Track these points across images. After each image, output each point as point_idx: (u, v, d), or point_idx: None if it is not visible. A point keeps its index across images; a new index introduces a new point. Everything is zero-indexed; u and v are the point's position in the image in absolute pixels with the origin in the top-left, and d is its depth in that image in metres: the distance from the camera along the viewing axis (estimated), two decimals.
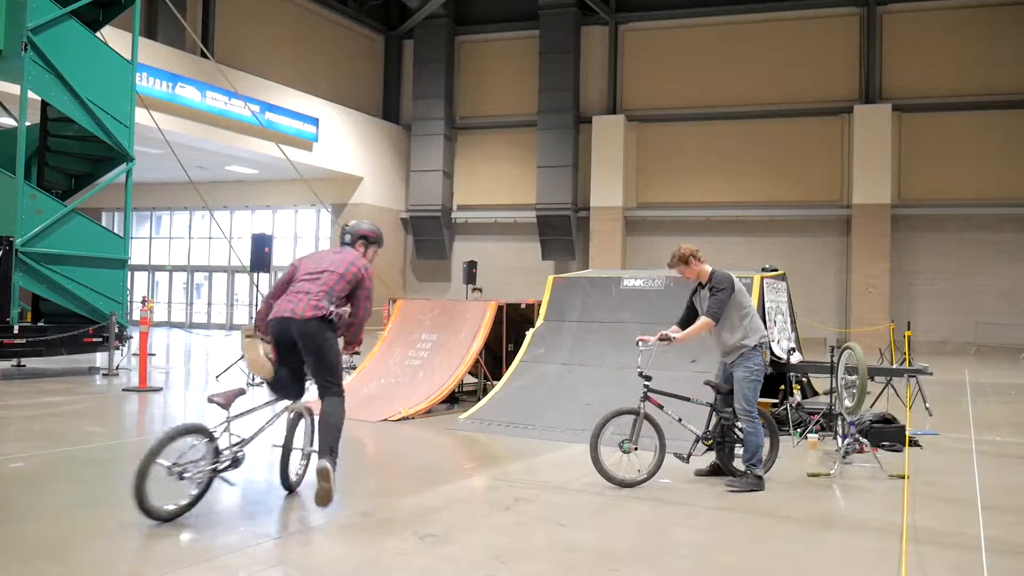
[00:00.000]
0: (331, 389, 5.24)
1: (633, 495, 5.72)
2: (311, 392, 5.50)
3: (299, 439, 5.55)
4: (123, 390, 10.95)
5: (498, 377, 9.72)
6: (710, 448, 6.30)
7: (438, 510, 5.23)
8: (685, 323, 6.33)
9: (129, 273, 14.10)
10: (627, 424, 6.02)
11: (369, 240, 5.62)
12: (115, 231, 14.38)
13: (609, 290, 9.97)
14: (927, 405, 9.85)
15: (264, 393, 6.91)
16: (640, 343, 6.22)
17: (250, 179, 27.35)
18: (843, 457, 6.69)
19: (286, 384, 5.40)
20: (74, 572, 3.98)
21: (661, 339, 6.14)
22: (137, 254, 27.95)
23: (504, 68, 28.11)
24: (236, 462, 5.06)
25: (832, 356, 7.69)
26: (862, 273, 23.84)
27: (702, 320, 6.13)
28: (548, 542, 4.61)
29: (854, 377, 6.81)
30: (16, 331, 11.68)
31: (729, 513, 5.45)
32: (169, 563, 4.04)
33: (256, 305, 15.38)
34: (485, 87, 28.34)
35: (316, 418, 5.38)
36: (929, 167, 23.92)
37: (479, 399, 9.37)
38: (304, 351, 5.17)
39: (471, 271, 21.42)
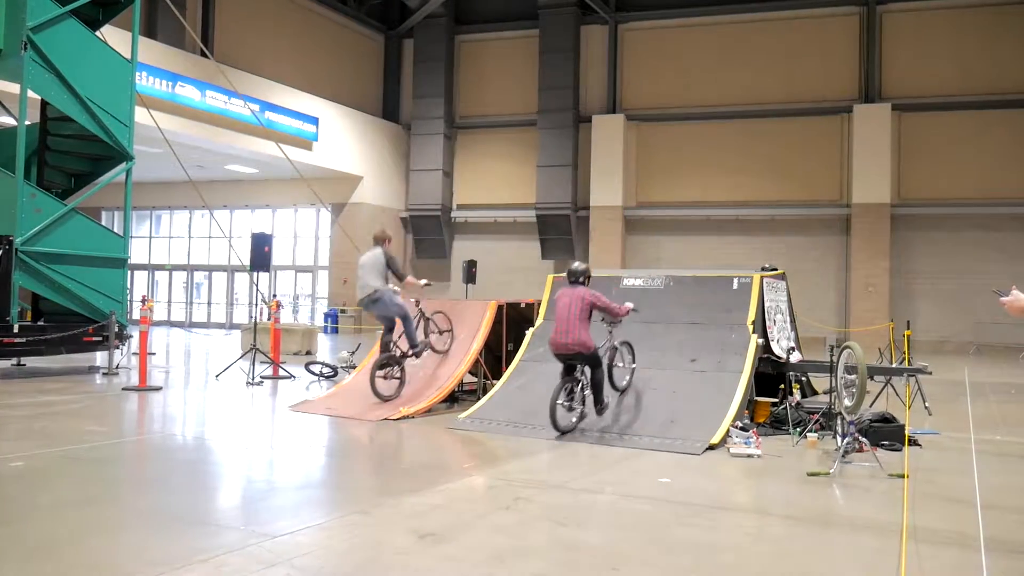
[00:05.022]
0: None
1: (634, 495, 5.72)
2: None
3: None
4: (123, 389, 10.94)
5: (498, 376, 9.72)
6: None
7: (438, 509, 5.23)
8: None
9: (129, 272, 14.09)
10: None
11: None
12: (115, 230, 14.38)
13: (609, 290, 9.95)
14: (926, 404, 9.85)
15: None
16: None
17: (250, 178, 27.34)
18: (843, 456, 6.69)
19: None
20: (73, 571, 3.98)
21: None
22: (137, 253, 27.95)
23: (504, 67, 28.10)
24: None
25: (832, 355, 7.69)
26: (862, 272, 23.85)
27: None
28: (548, 541, 4.61)
29: (853, 376, 6.81)
30: (16, 330, 11.68)
31: (729, 513, 5.45)
32: (168, 562, 4.04)
33: (256, 304, 15.36)
34: (485, 86, 28.33)
35: None
36: (929, 167, 23.91)
37: (479, 398, 9.37)
38: None
39: (471, 270, 21.41)
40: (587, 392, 7.93)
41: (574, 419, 7.85)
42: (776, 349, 9.33)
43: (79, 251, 12.47)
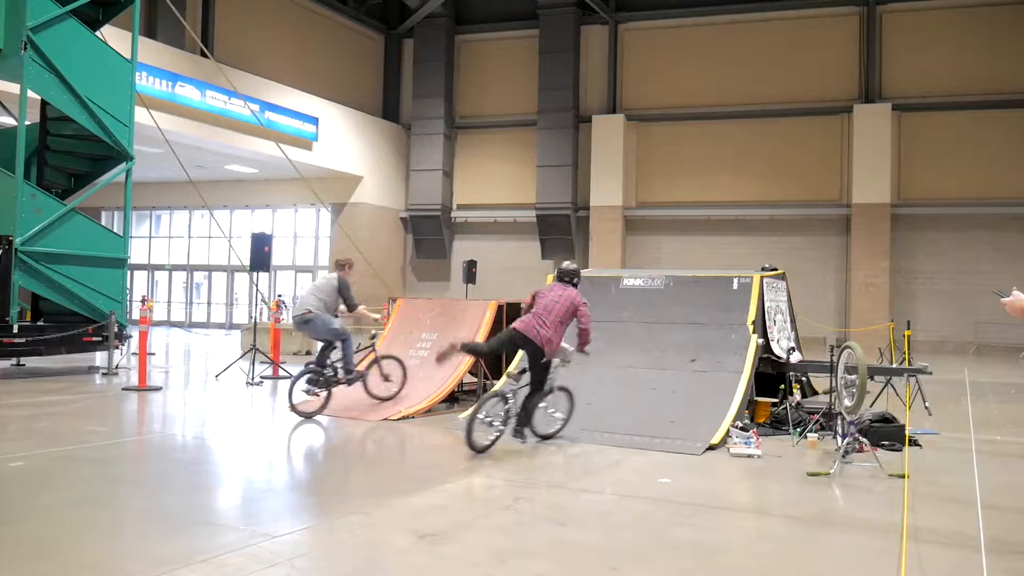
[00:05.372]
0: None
1: (633, 495, 5.72)
2: None
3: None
4: (123, 389, 10.95)
5: (498, 376, 9.72)
6: None
7: (438, 509, 5.23)
8: None
9: (128, 272, 14.09)
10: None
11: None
12: (115, 230, 14.38)
13: (609, 289, 9.98)
14: (927, 404, 9.85)
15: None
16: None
17: (250, 178, 27.34)
18: (843, 456, 6.69)
19: None
20: (73, 571, 3.98)
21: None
22: (137, 253, 27.94)
23: (504, 67, 28.09)
24: None
25: (832, 355, 7.69)
26: (862, 272, 23.84)
27: None
28: (548, 542, 4.61)
29: (854, 376, 6.81)
30: (16, 330, 11.67)
31: (729, 513, 5.45)
32: (168, 562, 4.04)
33: (255, 305, 15.39)
34: (485, 86, 28.33)
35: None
36: (929, 167, 23.91)
37: (479, 398, 9.36)
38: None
39: (471, 270, 21.41)
40: (511, 410, 7.28)
41: (491, 437, 7.13)
42: (776, 349, 9.33)
43: (79, 251, 12.47)
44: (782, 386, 9.03)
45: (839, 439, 6.97)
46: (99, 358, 14.23)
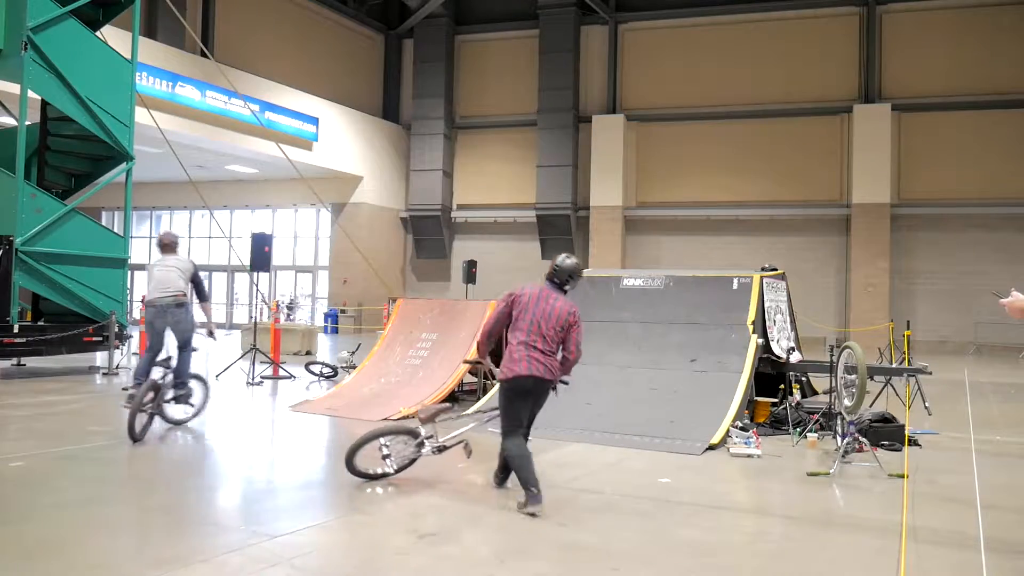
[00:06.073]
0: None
1: (633, 495, 5.72)
2: None
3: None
4: (123, 389, 10.93)
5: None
6: None
7: (438, 509, 5.23)
8: None
9: (129, 272, 14.10)
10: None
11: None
12: (115, 230, 14.39)
13: (609, 289, 9.98)
14: (926, 404, 9.85)
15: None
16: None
17: (250, 178, 27.34)
18: (842, 456, 6.69)
19: None
20: (74, 571, 3.98)
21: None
22: (137, 253, 27.93)
23: (504, 68, 28.10)
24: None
25: (832, 355, 7.70)
26: (861, 273, 23.85)
27: None
28: (548, 542, 4.61)
29: (853, 376, 6.82)
30: (16, 330, 11.68)
31: (729, 513, 5.45)
32: (168, 562, 4.04)
33: (255, 304, 15.39)
34: (485, 86, 28.33)
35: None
36: (929, 167, 23.91)
37: (479, 398, 9.38)
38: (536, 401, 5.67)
39: (471, 270, 21.41)
40: (417, 458, 5.97)
41: (373, 470, 5.88)
42: (776, 349, 9.34)
43: (79, 251, 12.48)
44: (782, 386, 9.04)
45: (839, 439, 6.97)
46: (99, 358, 14.22)
